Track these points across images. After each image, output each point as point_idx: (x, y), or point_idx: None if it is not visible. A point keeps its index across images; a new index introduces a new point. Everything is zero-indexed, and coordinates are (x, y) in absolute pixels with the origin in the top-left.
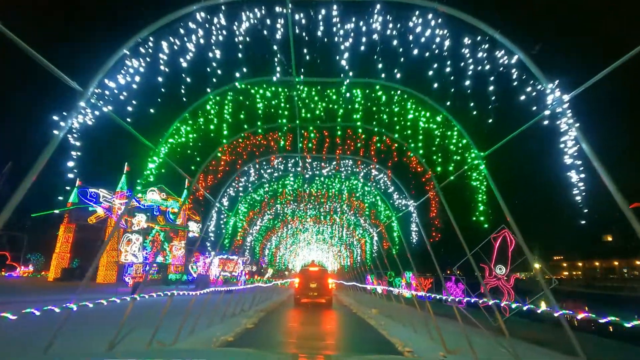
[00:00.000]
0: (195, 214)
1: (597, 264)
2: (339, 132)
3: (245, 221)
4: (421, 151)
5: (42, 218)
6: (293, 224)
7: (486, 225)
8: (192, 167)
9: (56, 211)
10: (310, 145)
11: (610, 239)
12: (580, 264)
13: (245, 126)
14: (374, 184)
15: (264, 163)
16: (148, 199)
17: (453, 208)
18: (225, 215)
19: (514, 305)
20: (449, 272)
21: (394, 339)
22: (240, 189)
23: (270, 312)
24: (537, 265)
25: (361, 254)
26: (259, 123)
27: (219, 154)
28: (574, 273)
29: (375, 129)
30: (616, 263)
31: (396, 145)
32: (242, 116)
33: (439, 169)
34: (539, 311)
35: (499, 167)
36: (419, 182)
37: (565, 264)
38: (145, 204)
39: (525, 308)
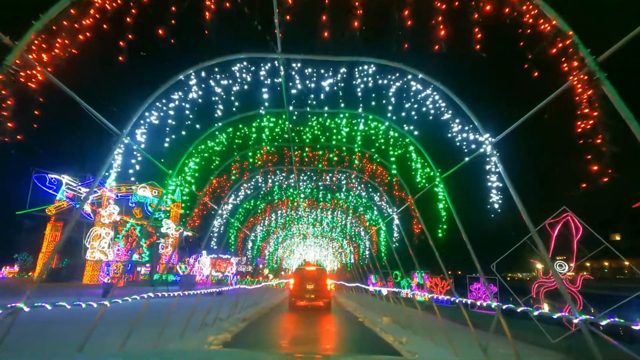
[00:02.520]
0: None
1: (606, 263)
2: None
3: (206, 193)
4: None
5: (28, 216)
6: (283, 207)
7: None
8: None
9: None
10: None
11: (618, 238)
12: (588, 264)
13: None
14: (414, 104)
15: (216, 70)
16: (139, 194)
17: None
18: (168, 181)
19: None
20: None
21: None
22: (171, 112)
23: (254, 323)
24: (538, 266)
25: (371, 246)
26: None
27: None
28: (581, 274)
29: None
30: (627, 263)
31: None
32: None
33: None
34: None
35: None
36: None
37: (571, 264)
38: (119, 194)
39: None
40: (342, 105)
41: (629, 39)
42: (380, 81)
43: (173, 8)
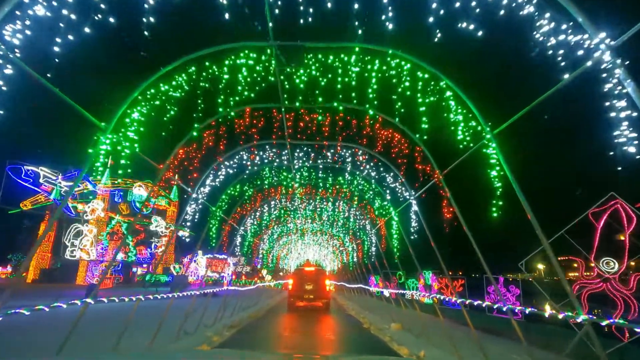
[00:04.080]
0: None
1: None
2: None
3: (170, 166)
4: None
5: (22, 216)
6: (276, 196)
7: None
8: None
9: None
10: None
11: (622, 237)
12: (592, 264)
13: None
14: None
15: None
16: (134, 193)
17: None
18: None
19: None
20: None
21: None
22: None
23: (243, 330)
24: (540, 266)
25: (379, 242)
26: None
27: None
28: (586, 274)
29: None
30: (633, 263)
31: None
32: None
33: None
34: None
35: None
36: None
37: (575, 264)
38: (103, 188)
39: None
40: (351, 27)
41: None
42: None
43: None
